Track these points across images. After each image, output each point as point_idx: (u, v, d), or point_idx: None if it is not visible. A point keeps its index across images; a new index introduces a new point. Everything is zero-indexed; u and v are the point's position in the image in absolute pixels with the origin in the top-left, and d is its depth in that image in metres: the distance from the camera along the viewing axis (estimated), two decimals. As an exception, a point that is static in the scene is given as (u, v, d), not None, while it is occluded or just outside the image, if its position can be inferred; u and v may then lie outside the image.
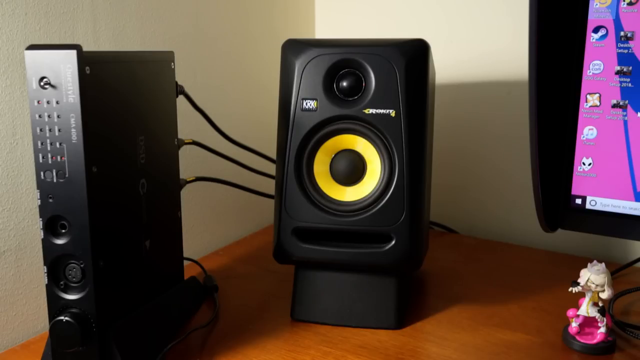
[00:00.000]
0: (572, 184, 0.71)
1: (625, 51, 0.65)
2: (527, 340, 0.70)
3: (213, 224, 1.02)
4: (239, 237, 1.06)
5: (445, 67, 1.05)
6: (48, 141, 0.56)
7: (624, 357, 0.67)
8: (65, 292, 0.59)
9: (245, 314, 0.77)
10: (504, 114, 1.02)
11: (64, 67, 0.55)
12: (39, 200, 0.57)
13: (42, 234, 0.58)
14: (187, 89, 0.77)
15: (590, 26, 0.67)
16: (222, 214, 1.03)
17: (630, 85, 0.66)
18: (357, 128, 0.71)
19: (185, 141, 0.77)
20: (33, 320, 0.75)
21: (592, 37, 0.67)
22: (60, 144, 0.56)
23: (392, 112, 0.69)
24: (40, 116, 0.56)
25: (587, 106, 0.68)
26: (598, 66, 0.67)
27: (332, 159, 0.73)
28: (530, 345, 0.69)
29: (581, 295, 0.68)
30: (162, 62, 0.71)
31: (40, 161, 0.57)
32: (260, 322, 0.75)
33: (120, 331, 0.62)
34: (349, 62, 0.70)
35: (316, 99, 0.71)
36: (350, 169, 0.72)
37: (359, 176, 0.72)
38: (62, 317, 0.58)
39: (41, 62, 0.55)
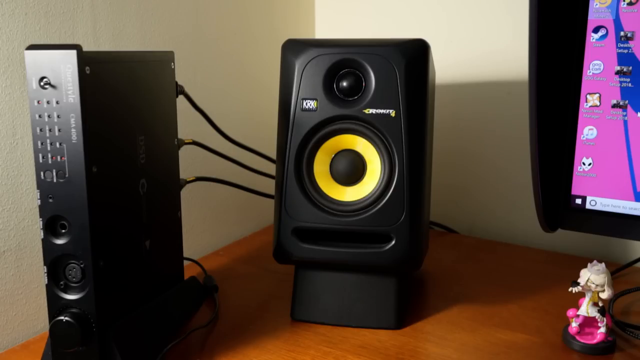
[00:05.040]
0: (572, 184, 0.71)
1: (625, 51, 0.65)
2: (527, 340, 0.70)
3: (213, 224, 1.02)
4: (239, 237, 1.06)
5: (445, 67, 1.05)
6: (48, 141, 0.56)
7: (624, 357, 0.67)
8: (65, 292, 0.59)
9: (245, 314, 0.77)
10: (504, 114, 1.02)
11: (64, 67, 0.55)
12: (39, 200, 0.57)
13: (42, 234, 0.58)
14: (187, 89, 0.77)
15: (590, 26, 0.67)
16: (222, 214, 1.03)
17: (630, 85, 0.66)
18: (357, 128, 0.71)
19: (185, 141, 0.77)
20: (33, 320, 0.75)
21: (592, 37, 0.67)
22: (60, 144, 0.56)
23: (392, 112, 0.69)
24: (40, 116, 0.56)
25: (587, 106, 0.68)
26: (598, 66, 0.67)
27: (332, 159, 0.73)
28: (530, 345, 0.69)
29: (581, 295, 0.68)
30: (162, 62, 0.71)
31: (40, 161, 0.57)
32: (260, 322, 0.75)
33: (120, 331, 0.62)
34: (349, 62, 0.70)
35: (316, 99, 0.71)
36: (350, 169, 0.72)
37: (359, 176, 0.72)
38: (62, 317, 0.58)
39: (41, 62, 0.55)
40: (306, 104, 0.71)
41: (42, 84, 0.55)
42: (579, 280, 0.67)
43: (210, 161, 0.91)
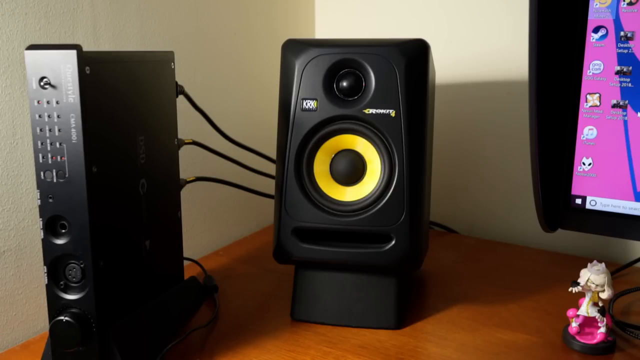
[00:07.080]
0: (572, 184, 0.71)
1: (625, 51, 0.65)
2: (527, 340, 0.70)
3: (213, 224, 1.02)
4: (239, 237, 1.06)
5: (445, 67, 1.05)
6: (48, 141, 0.56)
7: (624, 357, 0.67)
8: (65, 292, 0.59)
9: (245, 314, 0.77)
10: (504, 114, 1.02)
11: (64, 67, 0.55)
12: (39, 200, 0.57)
13: (42, 234, 0.58)
14: (187, 89, 0.77)
15: (590, 26, 0.67)
16: (222, 214, 1.03)
17: (630, 85, 0.66)
18: (357, 128, 0.71)
19: (185, 141, 0.77)
20: (33, 320, 0.75)
21: (592, 37, 0.67)
22: (60, 144, 0.56)
23: (392, 112, 0.69)
24: (40, 116, 0.56)
25: (587, 106, 0.68)
26: (598, 66, 0.67)
27: (332, 159, 0.73)
28: (530, 345, 0.69)
29: (581, 295, 0.68)
30: (162, 62, 0.71)
31: (40, 161, 0.57)
32: (260, 322, 0.75)
33: (120, 331, 0.62)
34: (349, 62, 0.70)
35: (316, 99, 0.71)
36: (350, 169, 0.72)
37: (359, 176, 0.72)
38: (62, 317, 0.58)
39: (41, 62, 0.55)
40: (306, 104, 0.71)
41: (42, 84, 0.55)
42: (579, 280, 0.67)
43: (210, 161, 0.91)
